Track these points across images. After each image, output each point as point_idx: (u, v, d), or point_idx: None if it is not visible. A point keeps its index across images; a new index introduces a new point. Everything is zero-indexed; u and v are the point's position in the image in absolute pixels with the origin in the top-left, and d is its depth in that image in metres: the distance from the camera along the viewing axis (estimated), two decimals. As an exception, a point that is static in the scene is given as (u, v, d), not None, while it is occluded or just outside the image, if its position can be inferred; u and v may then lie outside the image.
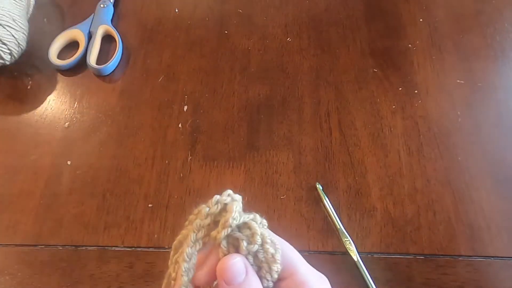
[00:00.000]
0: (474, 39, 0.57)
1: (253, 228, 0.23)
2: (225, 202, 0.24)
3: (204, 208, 0.23)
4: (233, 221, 0.23)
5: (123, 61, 0.57)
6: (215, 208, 0.23)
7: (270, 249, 0.23)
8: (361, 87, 0.54)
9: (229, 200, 0.24)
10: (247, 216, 0.24)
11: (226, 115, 0.52)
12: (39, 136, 0.51)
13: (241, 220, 0.23)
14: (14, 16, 0.52)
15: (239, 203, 0.24)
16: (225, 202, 0.24)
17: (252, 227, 0.23)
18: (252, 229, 0.23)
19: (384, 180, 0.47)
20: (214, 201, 0.23)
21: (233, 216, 0.23)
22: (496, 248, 0.43)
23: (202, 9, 0.61)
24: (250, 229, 0.23)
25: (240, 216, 0.23)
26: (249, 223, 0.23)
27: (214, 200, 0.23)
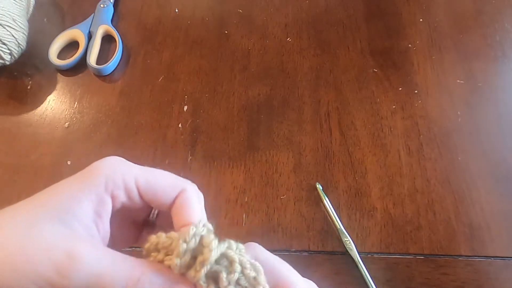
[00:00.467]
0: (474, 39, 0.57)
1: (230, 257, 0.22)
2: (201, 234, 0.22)
3: (181, 245, 0.22)
4: (213, 258, 0.22)
5: (123, 61, 0.57)
6: (193, 242, 0.22)
7: (251, 273, 0.22)
8: (361, 87, 0.54)
9: (205, 231, 0.23)
10: (223, 245, 0.23)
11: (226, 115, 0.52)
12: (39, 136, 0.51)
13: (219, 253, 0.22)
14: (14, 16, 0.52)
15: (213, 233, 0.23)
16: (201, 234, 0.22)
17: (229, 256, 0.22)
18: (229, 258, 0.22)
19: (384, 180, 0.47)
20: (191, 234, 0.22)
21: (212, 254, 0.21)
22: (496, 248, 0.43)
23: (202, 9, 0.61)
24: (228, 258, 0.22)
25: (218, 249, 0.22)
26: (226, 253, 0.22)
27: (191, 234, 0.22)
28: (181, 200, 0.25)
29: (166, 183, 0.25)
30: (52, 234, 0.20)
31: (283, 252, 0.44)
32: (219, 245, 0.22)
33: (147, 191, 0.25)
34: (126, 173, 0.24)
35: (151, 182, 0.25)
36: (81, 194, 0.22)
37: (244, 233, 0.45)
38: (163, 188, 0.25)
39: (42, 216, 0.21)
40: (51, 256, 0.19)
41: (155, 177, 0.25)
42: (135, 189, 0.24)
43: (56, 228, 0.20)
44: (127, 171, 0.24)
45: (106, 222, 0.23)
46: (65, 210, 0.21)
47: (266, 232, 0.45)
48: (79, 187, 0.23)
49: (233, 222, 0.45)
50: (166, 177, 0.26)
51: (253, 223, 0.45)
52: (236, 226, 0.45)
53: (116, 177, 0.24)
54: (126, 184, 0.24)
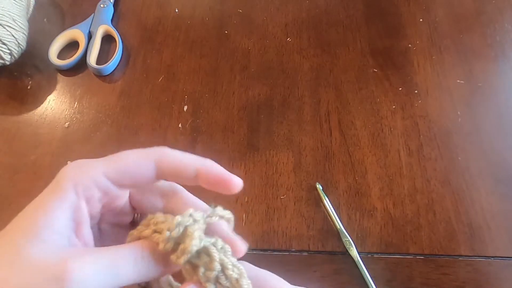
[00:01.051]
0: (474, 39, 0.57)
1: (211, 255, 0.22)
2: (186, 224, 0.22)
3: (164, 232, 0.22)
4: (194, 247, 0.22)
5: (123, 61, 0.57)
6: (177, 231, 0.22)
7: (233, 274, 0.22)
8: (361, 87, 0.54)
9: (191, 222, 0.23)
10: (207, 240, 0.23)
11: (226, 115, 0.52)
12: (39, 136, 0.51)
13: (201, 245, 0.22)
14: (14, 16, 0.52)
15: (200, 225, 0.23)
16: (186, 224, 0.22)
17: (210, 253, 0.22)
18: (210, 255, 0.22)
19: (384, 180, 0.47)
20: (176, 223, 0.22)
21: (193, 243, 0.22)
22: (496, 248, 0.43)
23: (202, 9, 0.61)
24: (208, 255, 0.22)
25: (201, 241, 0.22)
26: (208, 249, 0.22)
27: (176, 223, 0.22)
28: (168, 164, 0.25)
29: (137, 160, 0.25)
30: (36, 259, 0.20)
31: (283, 252, 0.44)
32: (206, 238, 0.23)
33: (122, 179, 0.24)
34: (93, 172, 0.24)
35: (122, 169, 0.24)
36: (53, 207, 0.22)
37: (244, 233, 0.44)
38: (138, 166, 0.25)
39: (23, 242, 0.20)
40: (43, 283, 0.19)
41: (123, 160, 0.24)
42: (109, 183, 0.24)
43: (39, 249, 0.20)
44: (92, 169, 0.24)
45: (86, 227, 0.23)
46: (42, 228, 0.21)
47: (266, 232, 0.45)
48: (50, 201, 0.22)
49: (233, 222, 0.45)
50: (135, 157, 0.25)
51: (253, 223, 0.45)
52: (236, 226, 0.45)
53: (83, 179, 0.23)
54: (96, 182, 0.23)
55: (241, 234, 0.44)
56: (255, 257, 0.43)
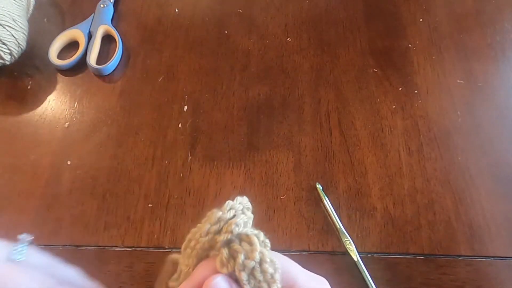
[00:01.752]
0: (474, 39, 0.57)
1: (253, 244, 0.23)
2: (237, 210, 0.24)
3: (216, 212, 0.23)
4: (236, 227, 0.22)
5: (123, 61, 0.57)
6: (228, 214, 0.23)
7: (269, 268, 0.22)
8: (361, 87, 0.54)
9: (241, 208, 0.24)
10: (251, 230, 0.23)
11: (226, 115, 0.52)
12: (39, 136, 0.51)
13: (244, 231, 0.23)
14: (14, 16, 0.52)
15: (249, 217, 0.24)
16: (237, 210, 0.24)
17: (253, 242, 0.23)
18: (252, 244, 0.23)
19: (384, 180, 0.47)
20: (227, 207, 0.23)
21: (236, 223, 0.22)
22: (496, 248, 0.43)
23: (202, 9, 0.61)
24: (251, 244, 0.23)
25: (245, 227, 0.23)
26: (251, 238, 0.23)
27: (227, 206, 0.23)
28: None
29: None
30: None
31: (283, 252, 0.43)
32: (250, 228, 0.23)
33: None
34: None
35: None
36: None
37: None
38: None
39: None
40: None
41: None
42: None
43: None
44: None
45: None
46: None
47: (266, 232, 0.44)
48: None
49: (233, 222, 0.45)
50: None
51: (253, 223, 0.45)
52: (236, 226, 0.45)
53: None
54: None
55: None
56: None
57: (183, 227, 0.45)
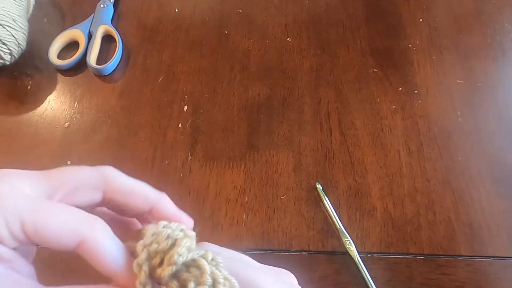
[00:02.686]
0: (474, 39, 0.57)
1: (201, 267, 0.21)
2: (176, 237, 0.21)
3: (153, 245, 0.20)
4: (179, 257, 0.20)
5: (123, 61, 0.57)
6: (166, 243, 0.21)
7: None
8: (361, 87, 0.54)
9: (181, 235, 0.21)
10: (197, 252, 0.21)
11: (226, 115, 0.52)
12: (39, 136, 0.51)
13: (189, 257, 0.21)
14: (14, 16, 0.52)
15: (191, 239, 0.22)
16: (176, 237, 0.21)
17: (200, 266, 0.21)
18: (200, 268, 0.21)
19: (384, 180, 0.47)
20: (165, 235, 0.21)
21: (179, 252, 0.20)
22: (496, 248, 0.43)
23: (202, 9, 0.61)
24: (199, 268, 0.21)
25: (188, 252, 0.21)
26: (198, 261, 0.21)
27: (164, 235, 0.21)
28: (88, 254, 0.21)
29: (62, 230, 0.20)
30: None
31: (283, 252, 0.44)
32: (194, 251, 0.21)
33: (37, 237, 0.20)
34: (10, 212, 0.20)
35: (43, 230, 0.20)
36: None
37: (244, 233, 0.45)
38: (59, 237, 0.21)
39: None
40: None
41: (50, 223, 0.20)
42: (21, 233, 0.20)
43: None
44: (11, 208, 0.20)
45: None
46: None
47: (266, 232, 0.45)
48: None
49: (233, 222, 0.45)
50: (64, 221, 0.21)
51: (253, 223, 0.45)
52: (236, 226, 0.45)
53: None
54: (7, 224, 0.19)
55: (241, 234, 0.45)
56: (255, 257, 0.43)
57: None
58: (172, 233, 0.21)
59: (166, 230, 0.21)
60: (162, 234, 0.21)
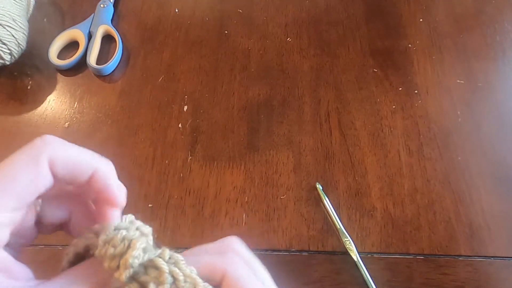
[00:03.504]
0: (474, 39, 0.57)
1: (159, 267, 0.20)
2: (132, 238, 0.20)
3: (109, 249, 0.20)
4: (135, 260, 0.19)
5: (123, 61, 0.57)
6: (122, 246, 0.20)
7: (186, 285, 0.20)
8: (361, 87, 0.54)
9: (137, 235, 0.21)
10: (153, 252, 0.21)
11: (226, 115, 0.52)
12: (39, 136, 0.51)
13: (145, 258, 0.20)
14: (14, 16, 0.52)
15: (148, 237, 0.21)
16: (132, 238, 0.20)
17: (158, 266, 0.20)
18: (158, 268, 0.20)
19: (384, 180, 0.47)
20: (120, 238, 0.20)
21: (133, 255, 0.19)
22: (496, 248, 0.43)
23: (202, 9, 0.61)
24: (157, 268, 0.20)
25: (145, 254, 0.20)
26: (155, 261, 0.20)
27: (120, 238, 0.20)
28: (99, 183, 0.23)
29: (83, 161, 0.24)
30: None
31: (283, 252, 0.44)
32: (151, 250, 0.21)
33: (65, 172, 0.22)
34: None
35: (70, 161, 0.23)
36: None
37: (244, 233, 0.45)
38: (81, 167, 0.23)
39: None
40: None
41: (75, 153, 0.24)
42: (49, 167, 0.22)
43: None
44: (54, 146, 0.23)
45: None
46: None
47: (266, 232, 0.45)
48: None
49: (233, 222, 0.45)
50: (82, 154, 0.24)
51: (253, 223, 0.45)
52: (236, 226, 0.45)
53: None
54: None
55: (241, 234, 0.44)
56: (255, 257, 0.43)
57: (183, 227, 0.45)
58: (127, 234, 0.21)
59: (121, 232, 0.21)
60: (117, 237, 0.20)
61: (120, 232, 0.21)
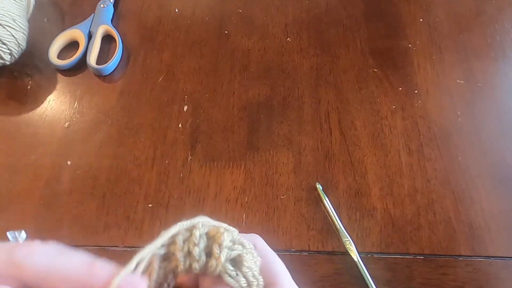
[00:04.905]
0: (474, 39, 0.57)
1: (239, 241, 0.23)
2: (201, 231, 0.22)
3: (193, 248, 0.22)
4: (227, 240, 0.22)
5: (123, 61, 0.57)
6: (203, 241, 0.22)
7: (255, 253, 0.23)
8: (361, 87, 0.54)
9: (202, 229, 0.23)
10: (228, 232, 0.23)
11: (226, 115, 0.52)
12: (39, 136, 0.51)
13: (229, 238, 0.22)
14: (14, 16, 0.52)
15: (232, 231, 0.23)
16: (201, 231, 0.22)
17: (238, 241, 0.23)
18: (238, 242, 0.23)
19: (384, 180, 0.47)
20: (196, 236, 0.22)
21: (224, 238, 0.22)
22: (496, 248, 0.43)
23: (202, 9, 0.61)
24: (240, 243, 0.23)
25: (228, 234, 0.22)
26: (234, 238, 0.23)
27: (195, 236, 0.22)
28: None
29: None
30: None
31: (283, 252, 0.44)
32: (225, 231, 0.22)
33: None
34: None
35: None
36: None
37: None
38: None
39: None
40: None
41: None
42: None
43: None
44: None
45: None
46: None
47: (266, 232, 0.45)
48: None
49: (233, 222, 0.45)
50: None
51: (253, 223, 0.45)
52: (236, 226, 0.45)
53: None
54: None
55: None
56: (255, 257, 0.43)
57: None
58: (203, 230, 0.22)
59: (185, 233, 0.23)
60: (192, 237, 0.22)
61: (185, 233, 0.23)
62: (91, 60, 0.55)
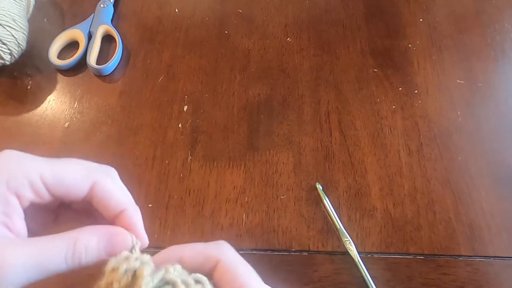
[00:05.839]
0: (474, 39, 0.57)
1: (172, 280, 0.21)
2: (134, 268, 0.21)
3: (114, 283, 0.20)
4: (147, 286, 0.20)
5: (123, 61, 0.57)
6: (126, 279, 0.21)
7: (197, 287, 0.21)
8: (361, 87, 0.54)
9: (139, 264, 0.21)
10: (159, 272, 0.21)
11: (226, 115, 0.52)
12: (39, 136, 0.51)
13: (155, 281, 0.21)
14: (14, 16, 0.52)
15: (149, 264, 0.22)
16: (134, 268, 0.21)
17: (170, 280, 0.21)
18: (171, 281, 0.21)
19: (384, 180, 0.47)
20: (122, 271, 0.21)
21: (145, 282, 0.20)
22: (496, 248, 0.43)
23: (202, 9, 0.61)
24: (170, 282, 0.21)
25: (153, 278, 0.21)
26: (166, 277, 0.21)
27: (122, 271, 0.21)
28: (100, 194, 0.24)
29: (76, 176, 0.24)
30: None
31: (283, 252, 0.44)
32: (156, 273, 0.21)
33: (56, 187, 0.23)
34: (30, 170, 0.22)
35: (60, 176, 0.23)
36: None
37: (244, 233, 0.45)
38: (74, 182, 0.24)
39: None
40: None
41: (64, 171, 0.24)
42: (42, 186, 0.23)
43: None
44: (31, 167, 0.23)
45: (18, 219, 0.22)
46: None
47: (266, 232, 0.45)
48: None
49: (233, 222, 0.45)
50: (77, 169, 0.24)
51: (253, 223, 0.45)
52: (236, 226, 0.45)
53: (18, 175, 0.22)
54: (31, 181, 0.22)
55: (241, 234, 0.45)
56: (255, 257, 0.43)
57: (183, 227, 0.45)
58: (128, 266, 0.21)
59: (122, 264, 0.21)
60: (119, 270, 0.21)
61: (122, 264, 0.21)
62: (91, 60, 0.55)
